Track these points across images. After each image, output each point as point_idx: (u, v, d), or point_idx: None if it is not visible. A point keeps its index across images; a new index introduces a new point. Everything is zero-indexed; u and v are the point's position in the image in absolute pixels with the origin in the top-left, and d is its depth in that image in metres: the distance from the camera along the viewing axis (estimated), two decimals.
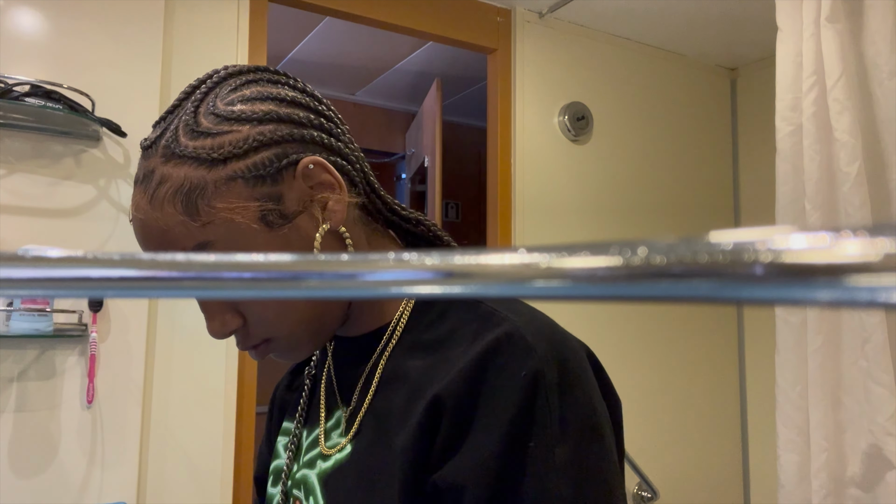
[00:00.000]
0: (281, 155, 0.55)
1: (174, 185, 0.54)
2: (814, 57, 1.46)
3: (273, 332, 0.58)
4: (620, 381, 2.53)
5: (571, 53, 2.36)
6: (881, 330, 1.35)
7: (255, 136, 0.55)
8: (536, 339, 0.53)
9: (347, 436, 0.61)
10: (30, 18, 1.55)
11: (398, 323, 0.61)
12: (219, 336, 0.58)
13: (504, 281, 0.16)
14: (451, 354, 0.55)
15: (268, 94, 0.57)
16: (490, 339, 0.53)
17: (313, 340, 0.60)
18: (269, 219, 0.55)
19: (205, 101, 0.57)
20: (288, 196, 0.56)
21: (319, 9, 1.99)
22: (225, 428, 1.71)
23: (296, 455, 0.68)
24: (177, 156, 0.54)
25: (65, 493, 1.50)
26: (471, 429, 0.51)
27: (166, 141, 0.55)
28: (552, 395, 0.51)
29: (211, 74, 0.59)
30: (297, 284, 0.18)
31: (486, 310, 0.57)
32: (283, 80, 0.60)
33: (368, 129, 3.69)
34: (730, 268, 0.13)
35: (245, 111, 0.55)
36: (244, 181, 0.54)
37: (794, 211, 1.49)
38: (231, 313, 0.57)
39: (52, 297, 1.20)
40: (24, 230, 1.50)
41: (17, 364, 1.49)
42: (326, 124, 0.60)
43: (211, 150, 0.54)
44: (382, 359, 0.61)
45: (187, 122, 0.55)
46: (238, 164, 0.54)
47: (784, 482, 1.49)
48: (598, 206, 2.36)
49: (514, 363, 0.51)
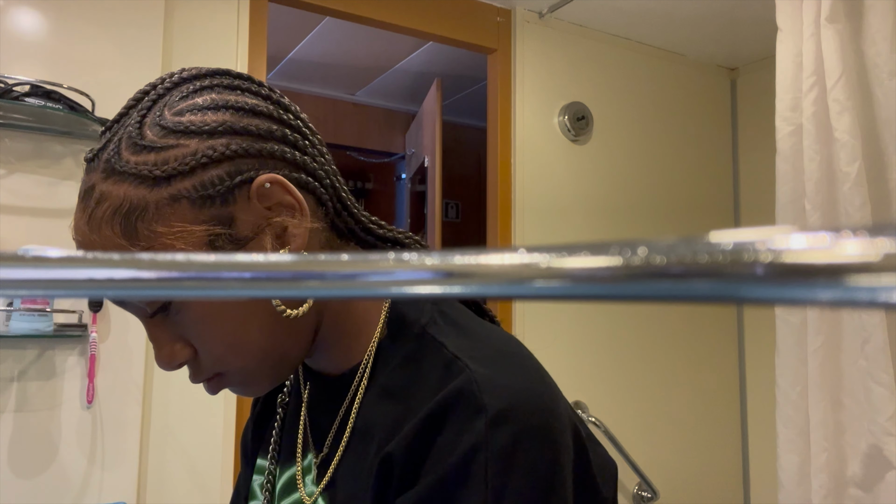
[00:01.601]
0: (233, 172, 0.49)
1: (113, 205, 0.48)
2: (814, 57, 1.46)
3: (223, 366, 0.53)
4: (620, 381, 2.52)
5: (571, 53, 2.35)
6: (881, 330, 1.35)
7: (203, 151, 0.49)
8: (491, 396, 0.47)
9: (319, 486, 0.57)
10: (30, 18, 1.55)
11: (367, 365, 0.57)
12: (167, 367, 0.53)
13: (504, 281, 0.16)
14: (411, 408, 0.51)
15: (223, 102, 0.51)
16: (441, 396, 0.49)
17: (270, 376, 0.55)
18: (217, 244, 0.49)
19: (152, 110, 0.51)
20: (240, 219, 0.50)
21: (319, 9, 1.99)
22: (225, 428, 1.71)
23: (271, 497, 0.64)
24: (117, 172, 0.49)
25: (65, 493, 1.50)
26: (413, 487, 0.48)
27: (108, 154, 0.50)
28: (492, 463, 0.45)
29: (164, 78, 0.53)
30: (297, 285, 0.18)
31: (448, 357, 0.52)
32: (243, 85, 0.54)
33: (368, 129, 3.69)
34: (730, 268, 0.13)
35: (194, 122, 0.49)
36: (189, 202, 0.48)
37: (794, 211, 1.49)
38: (181, 343, 0.53)
39: (52, 297, 1.20)
40: (24, 230, 1.50)
41: (17, 364, 1.49)
42: (291, 135, 0.53)
43: (154, 167, 0.48)
44: (354, 407, 0.56)
45: (131, 135, 0.49)
46: (183, 182, 0.48)
47: (784, 482, 1.49)
48: (598, 206, 2.36)
49: (459, 424, 0.47)
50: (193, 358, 0.53)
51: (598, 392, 2.27)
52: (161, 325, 0.52)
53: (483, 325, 0.58)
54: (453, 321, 0.57)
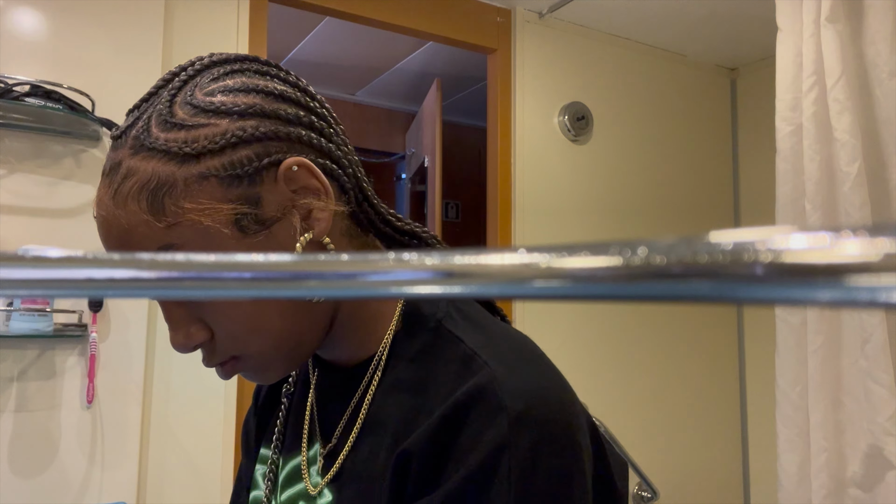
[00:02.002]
0: (262, 154, 0.50)
1: (140, 181, 0.48)
2: (814, 57, 1.46)
3: (242, 348, 0.53)
4: (620, 381, 2.52)
5: (571, 53, 2.35)
6: (881, 330, 1.35)
7: (233, 132, 0.49)
8: (511, 396, 0.47)
9: (325, 477, 0.57)
10: (30, 18, 1.55)
11: (381, 357, 0.57)
12: (182, 349, 0.52)
13: (504, 281, 0.16)
14: (427, 402, 0.51)
15: (253, 86, 0.52)
16: (460, 392, 0.48)
17: (286, 362, 0.55)
18: (242, 223, 0.50)
19: (183, 90, 0.51)
20: (267, 200, 0.50)
21: (319, 9, 1.99)
22: (225, 428, 1.71)
23: (274, 487, 0.64)
24: (146, 148, 0.49)
25: (65, 493, 1.50)
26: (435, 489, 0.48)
27: (137, 131, 0.50)
28: (516, 464, 0.45)
29: (193, 61, 0.54)
30: (297, 284, 0.18)
31: (465, 352, 0.52)
32: (272, 71, 0.55)
33: (368, 129, 3.69)
34: (730, 268, 0.13)
35: (226, 103, 0.50)
36: (218, 180, 0.49)
37: (794, 211, 1.49)
38: (197, 325, 0.52)
39: (52, 297, 1.20)
40: (24, 230, 1.50)
41: (17, 364, 1.49)
42: (318, 123, 0.54)
43: (184, 144, 0.49)
44: (366, 400, 0.56)
45: (161, 112, 0.50)
46: (213, 160, 0.49)
47: (784, 482, 1.49)
48: (598, 206, 2.36)
49: (481, 422, 0.47)
50: (209, 340, 0.53)
51: (598, 392, 2.27)
52: (178, 305, 0.52)
53: (497, 322, 0.58)
54: (469, 317, 0.57)
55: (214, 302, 0.51)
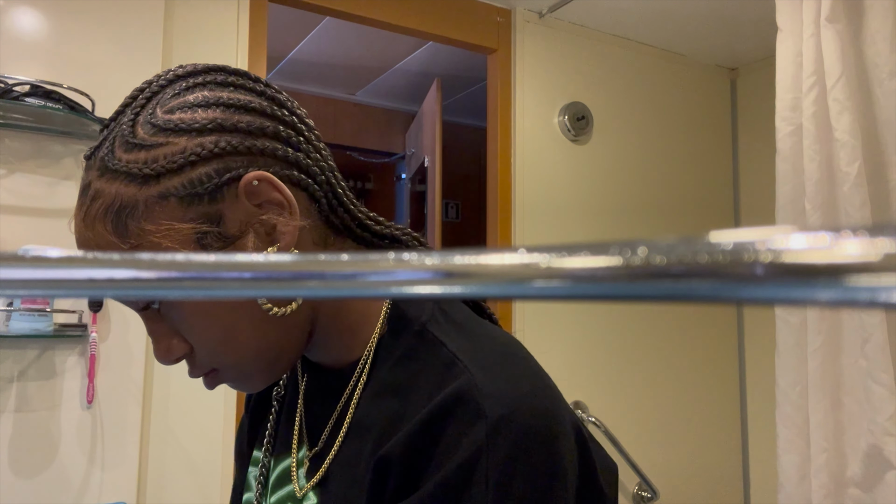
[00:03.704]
0: (221, 170, 0.50)
1: (105, 203, 0.49)
2: (814, 57, 1.46)
3: (218, 361, 0.54)
4: (620, 381, 2.52)
5: (571, 53, 2.35)
6: (881, 330, 1.35)
7: (192, 149, 0.49)
8: (490, 402, 0.47)
9: (311, 481, 0.57)
10: (30, 18, 1.55)
11: (366, 361, 0.57)
12: (165, 362, 0.53)
13: (504, 281, 0.16)
14: (408, 407, 0.51)
15: (214, 99, 0.51)
16: (440, 398, 0.48)
17: (267, 372, 0.56)
18: (204, 242, 0.49)
19: (146, 108, 0.51)
20: (229, 217, 0.50)
21: (319, 9, 1.99)
22: (225, 428, 1.71)
23: (264, 489, 0.64)
24: (110, 170, 0.49)
25: (65, 493, 1.50)
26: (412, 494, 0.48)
27: (103, 152, 0.50)
28: (494, 469, 0.45)
29: (159, 76, 0.54)
30: (297, 284, 0.18)
31: (447, 357, 0.52)
32: (237, 81, 0.54)
33: (368, 129, 3.69)
34: (730, 268, 0.13)
35: (184, 120, 0.50)
36: (178, 200, 0.49)
37: (794, 211, 1.49)
38: (177, 339, 0.53)
39: (52, 297, 1.19)
40: (24, 230, 1.50)
41: (17, 364, 1.49)
42: (283, 132, 0.53)
43: (144, 165, 0.49)
44: (351, 404, 0.56)
45: (123, 133, 0.50)
46: (172, 180, 0.49)
47: (784, 482, 1.49)
48: (598, 206, 2.36)
49: (459, 428, 0.47)
50: (190, 353, 0.54)
51: (598, 392, 2.27)
52: (158, 320, 0.53)
53: (484, 325, 0.58)
54: (454, 320, 0.57)
55: (186, 318, 0.52)
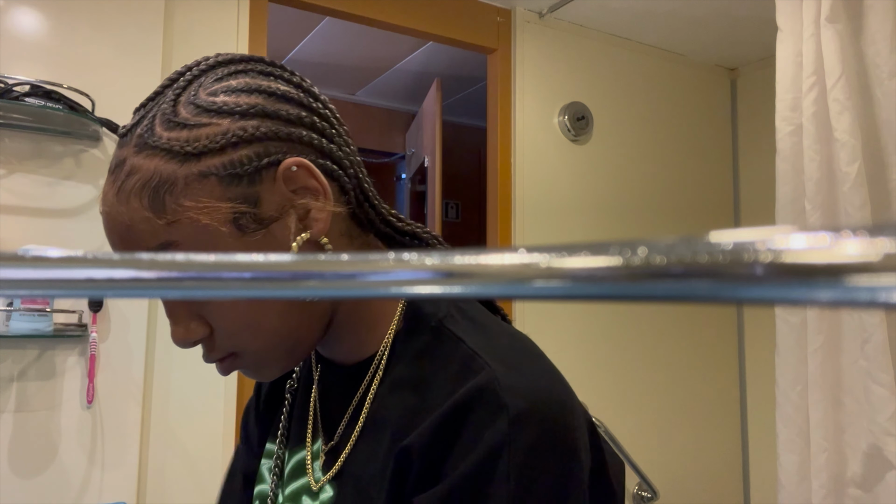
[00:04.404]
0: (262, 154, 0.51)
1: (142, 178, 0.50)
2: (814, 57, 1.46)
3: (240, 345, 0.54)
4: (620, 381, 2.51)
5: (571, 53, 2.35)
6: (881, 330, 1.35)
7: (234, 131, 0.50)
8: (512, 396, 0.48)
9: (327, 474, 0.58)
10: (30, 18, 1.55)
11: (382, 357, 0.57)
12: (182, 344, 0.53)
13: (504, 281, 0.16)
14: (427, 401, 0.52)
15: (256, 86, 0.53)
16: (462, 392, 0.49)
17: (283, 359, 0.56)
18: (241, 222, 0.50)
19: (187, 90, 0.53)
20: (266, 199, 0.51)
21: (319, 9, 1.99)
22: (225, 428, 1.71)
23: (279, 480, 0.64)
24: (149, 146, 0.50)
25: (65, 493, 1.50)
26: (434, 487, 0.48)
27: (141, 130, 0.51)
28: (515, 463, 0.46)
29: (199, 62, 0.55)
30: (297, 284, 0.18)
31: (466, 352, 0.52)
32: (276, 72, 0.55)
33: (368, 129, 3.69)
34: (730, 268, 0.13)
35: (228, 103, 0.51)
36: (218, 179, 0.50)
37: (794, 211, 1.49)
38: (197, 321, 0.53)
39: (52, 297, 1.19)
40: (24, 230, 1.50)
41: (17, 364, 1.49)
42: (319, 123, 0.55)
43: (185, 143, 0.50)
44: (367, 399, 0.57)
45: (165, 112, 0.51)
46: (213, 159, 0.50)
47: (784, 482, 1.49)
48: (598, 206, 2.36)
49: (481, 422, 0.47)
50: (209, 336, 0.54)
51: (598, 392, 2.27)
52: (179, 301, 0.53)
53: (498, 322, 0.59)
54: (470, 317, 0.57)
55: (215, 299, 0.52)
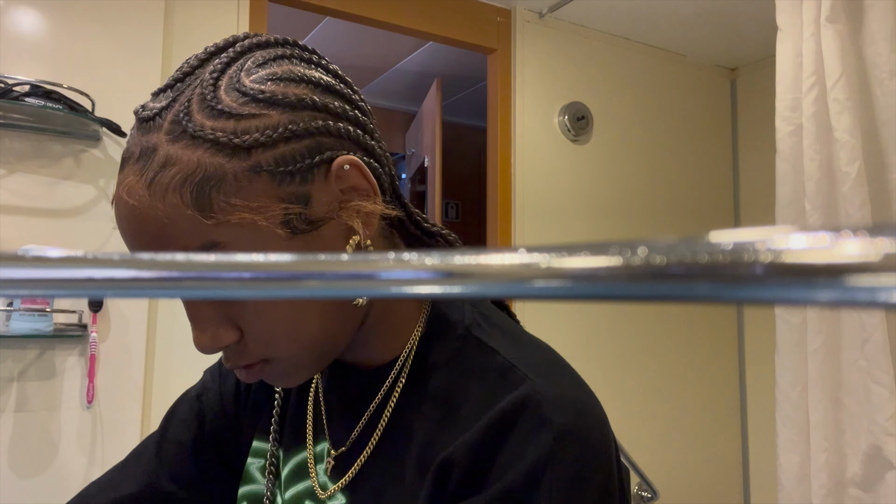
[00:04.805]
0: (314, 150, 0.47)
1: (184, 172, 0.44)
2: (814, 57, 1.46)
3: (276, 352, 0.49)
4: (620, 381, 2.52)
5: (571, 53, 2.35)
6: (881, 330, 1.35)
7: (286, 125, 0.46)
8: (555, 410, 0.47)
9: (339, 482, 0.55)
10: (30, 18, 1.55)
11: (406, 363, 0.54)
12: (207, 351, 0.48)
13: (504, 281, 0.16)
14: (460, 413, 0.49)
15: (301, 75, 0.48)
16: (504, 404, 0.47)
17: (315, 365, 0.52)
18: (293, 223, 0.46)
19: (226, 73, 0.47)
20: (316, 199, 0.47)
21: (319, 9, 1.99)
22: None
23: (276, 480, 0.61)
24: (189, 135, 0.45)
25: (65, 493, 1.50)
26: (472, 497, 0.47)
27: (175, 115, 0.46)
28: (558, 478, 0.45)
29: (232, 42, 0.50)
30: (297, 285, 0.18)
31: (502, 364, 0.50)
32: (315, 59, 0.51)
33: None
34: (730, 268, 0.13)
35: (276, 92, 0.46)
36: (270, 176, 0.45)
37: (794, 211, 1.49)
38: (227, 327, 0.48)
39: (52, 297, 1.19)
40: (24, 230, 1.50)
41: (17, 364, 1.49)
42: (361, 118, 0.51)
43: (233, 135, 0.45)
44: (388, 407, 0.54)
45: (205, 97, 0.46)
46: (264, 154, 0.45)
47: (784, 482, 1.49)
48: (598, 206, 2.36)
49: (525, 435, 0.46)
50: (237, 342, 0.49)
51: (598, 392, 2.25)
52: (207, 304, 0.49)
53: (522, 331, 0.58)
54: (497, 325, 0.56)
55: (249, 302, 0.48)
